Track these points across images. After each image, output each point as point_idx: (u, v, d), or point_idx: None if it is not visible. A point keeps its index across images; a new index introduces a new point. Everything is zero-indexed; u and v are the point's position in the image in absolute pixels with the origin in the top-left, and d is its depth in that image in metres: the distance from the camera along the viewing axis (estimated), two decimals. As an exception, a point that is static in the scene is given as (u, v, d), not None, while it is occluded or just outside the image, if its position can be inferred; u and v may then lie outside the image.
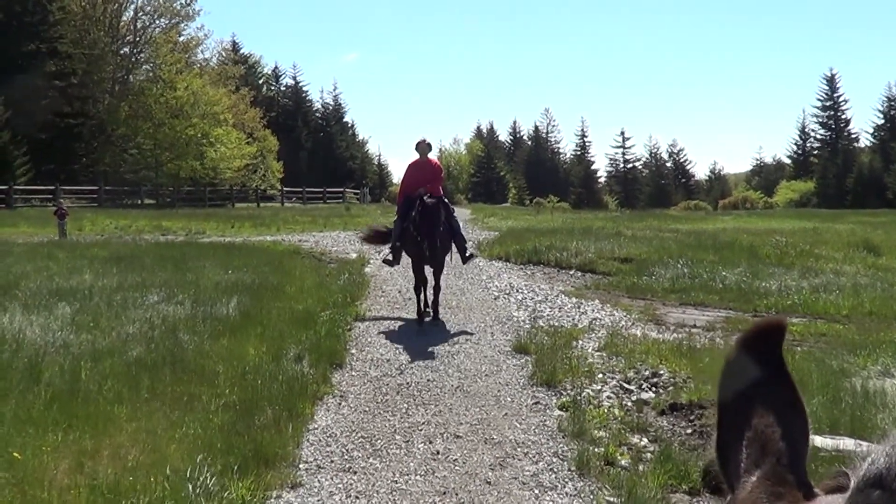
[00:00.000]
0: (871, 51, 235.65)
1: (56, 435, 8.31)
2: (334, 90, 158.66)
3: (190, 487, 7.09)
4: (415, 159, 17.21)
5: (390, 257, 17.31)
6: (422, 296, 16.32)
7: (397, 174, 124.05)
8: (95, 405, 9.40)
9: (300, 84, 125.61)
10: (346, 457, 8.55)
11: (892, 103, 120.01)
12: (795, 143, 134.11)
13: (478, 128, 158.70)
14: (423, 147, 17.14)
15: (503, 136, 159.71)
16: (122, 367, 11.17)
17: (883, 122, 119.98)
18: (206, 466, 7.49)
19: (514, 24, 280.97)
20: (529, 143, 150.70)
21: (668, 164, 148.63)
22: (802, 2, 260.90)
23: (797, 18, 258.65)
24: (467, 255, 17.31)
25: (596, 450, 8.61)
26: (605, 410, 10.19)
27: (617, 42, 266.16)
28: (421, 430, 9.49)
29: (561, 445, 8.91)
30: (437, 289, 16.61)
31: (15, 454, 7.62)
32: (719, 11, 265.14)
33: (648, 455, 8.61)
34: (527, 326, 15.57)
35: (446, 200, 16.87)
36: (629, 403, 10.55)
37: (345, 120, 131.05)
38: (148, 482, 7.20)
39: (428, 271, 16.45)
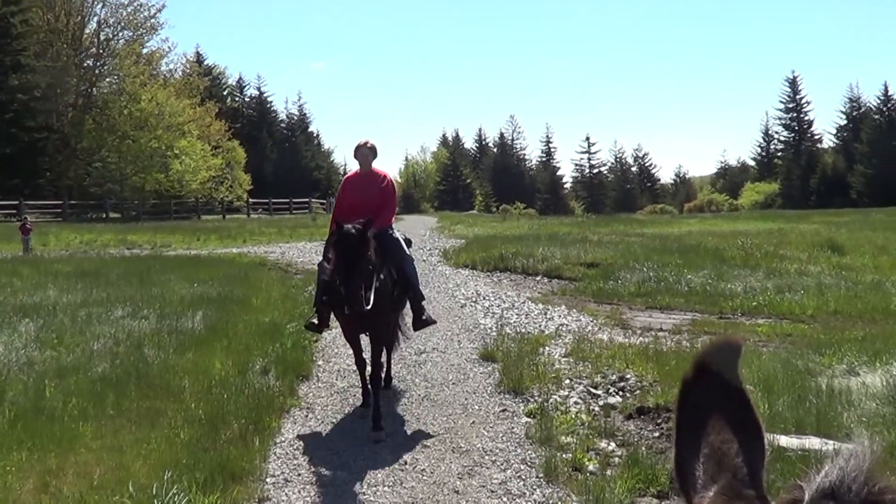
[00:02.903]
0: (833, 53, 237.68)
1: (20, 454, 8.27)
2: (299, 100, 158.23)
3: (156, 504, 7.05)
4: (352, 172, 12.02)
5: (314, 320, 11.15)
6: (367, 372, 10.77)
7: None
8: (60, 423, 9.36)
9: (265, 94, 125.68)
10: (313, 469, 8.55)
11: (855, 104, 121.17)
12: (759, 146, 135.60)
13: (443, 136, 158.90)
14: (364, 153, 11.43)
15: (469, 143, 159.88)
16: (87, 383, 11.11)
17: (845, 122, 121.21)
18: (172, 482, 7.46)
19: (480, 32, 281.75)
20: (495, 150, 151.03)
21: (634, 169, 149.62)
22: (764, 5, 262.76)
23: (759, 21, 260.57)
24: (423, 317, 11.51)
25: (564, 456, 8.63)
26: (573, 416, 10.20)
27: (581, 48, 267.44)
28: (388, 440, 9.49)
29: (529, 452, 8.93)
30: (375, 374, 10.43)
31: (-22, 475, 7.56)
32: (681, 16, 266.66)
33: (616, 460, 8.65)
34: (493, 334, 15.55)
35: (395, 233, 11.47)
36: (596, 408, 10.57)
37: (310, 130, 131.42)
38: (113, 500, 7.16)
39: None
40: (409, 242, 12.01)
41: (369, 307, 9.59)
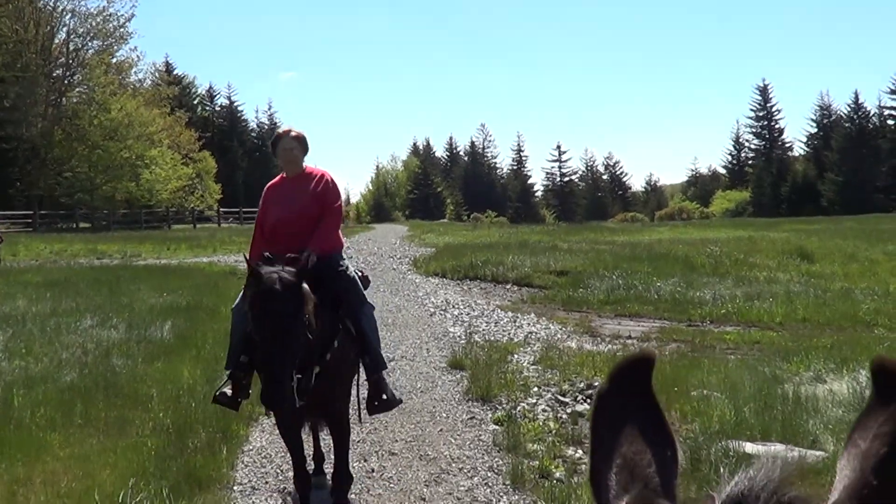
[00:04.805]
0: (804, 61, 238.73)
1: (-13, 463, 8.24)
2: (269, 109, 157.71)
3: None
4: (277, 178, 8.24)
5: (227, 389, 7.55)
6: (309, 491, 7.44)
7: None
8: (28, 432, 9.35)
9: (235, 104, 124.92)
10: (280, 478, 8.53)
11: (825, 112, 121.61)
12: (730, 154, 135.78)
13: (414, 144, 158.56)
14: (287, 146, 7.93)
15: (440, 151, 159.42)
16: (56, 393, 11.08)
17: (816, 130, 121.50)
18: (139, 490, 7.45)
19: (450, 40, 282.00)
20: (466, 158, 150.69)
21: (605, 177, 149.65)
22: (734, 13, 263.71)
23: (730, 29, 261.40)
24: (384, 395, 7.85)
25: (531, 463, 8.64)
26: (540, 423, 10.22)
27: (551, 56, 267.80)
28: (356, 448, 9.43)
29: (496, 460, 8.94)
30: (335, 444, 7.54)
31: (-56, 484, 7.54)
32: (651, 23, 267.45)
33: (583, 467, 8.61)
34: (462, 342, 15.58)
35: (348, 268, 7.79)
36: (564, 416, 10.58)
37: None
38: (80, 509, 7.15)
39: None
40: (366, 281, 8.25)
41: (302, 402, 6.46)
